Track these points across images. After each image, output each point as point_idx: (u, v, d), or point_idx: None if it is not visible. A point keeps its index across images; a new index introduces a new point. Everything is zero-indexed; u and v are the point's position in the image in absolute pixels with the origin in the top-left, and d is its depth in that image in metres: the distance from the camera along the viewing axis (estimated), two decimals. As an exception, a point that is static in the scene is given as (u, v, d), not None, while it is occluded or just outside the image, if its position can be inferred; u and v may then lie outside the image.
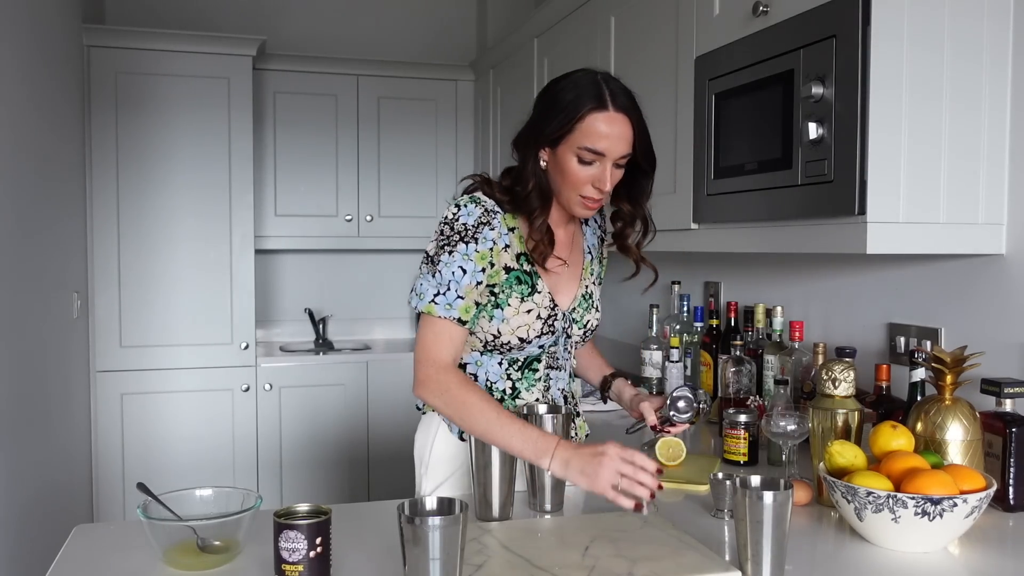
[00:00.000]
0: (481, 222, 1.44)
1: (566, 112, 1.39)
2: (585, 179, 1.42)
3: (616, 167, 1.43)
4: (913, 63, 1.49)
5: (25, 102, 2.45)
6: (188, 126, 3.40)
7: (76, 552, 1.24)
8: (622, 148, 1.41)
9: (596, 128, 1.38)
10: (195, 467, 3.42)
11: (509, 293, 1.48)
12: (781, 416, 1.56)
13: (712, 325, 2.40)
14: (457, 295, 1.42)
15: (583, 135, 1.39)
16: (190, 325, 3.44)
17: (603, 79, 1.42)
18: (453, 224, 1.45)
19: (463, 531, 1.02)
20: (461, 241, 1.43)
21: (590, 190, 1.43)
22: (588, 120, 1.38)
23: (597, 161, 1.40)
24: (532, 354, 1.56)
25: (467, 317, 1.44)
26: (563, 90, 1.42)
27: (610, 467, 1.26)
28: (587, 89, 1.40)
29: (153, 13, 3.75)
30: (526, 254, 1.50)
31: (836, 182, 1.52)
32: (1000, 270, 1.64)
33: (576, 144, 1.39)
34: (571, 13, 2.82)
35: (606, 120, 1.38)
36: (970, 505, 1.19)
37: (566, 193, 1.45)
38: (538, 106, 1.46)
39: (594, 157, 1.40)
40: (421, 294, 1.45)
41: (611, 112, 1.39)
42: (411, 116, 3.91)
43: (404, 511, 1.03)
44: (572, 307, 1.58)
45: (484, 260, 1.44)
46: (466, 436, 1.51)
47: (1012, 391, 1.45)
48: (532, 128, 1.45)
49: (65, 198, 2.97)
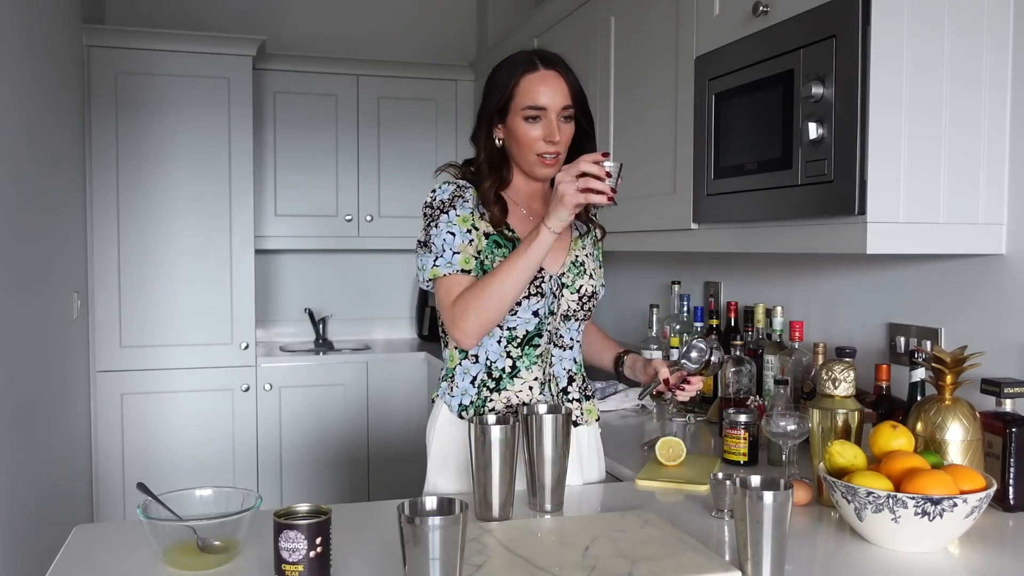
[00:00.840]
0: (456, 195, 1.57)
1: (502, 83, 1.54)
2: (536, 137, 1.53)
3: (564, 121, 1.54)
4: (913, 63, 1.49)
5: (25, 102, 2.45)
6: (188, 126, 3.40)
7: (76, 552, 1.24)
8: (560, 100, 1.52)
9: (531, 88, 1.52)
10: (195, 467, 3.42)
11: (492, 258, 1.55)
12: (781, 416, 1.56)
13: (712, 325, 2.40)
14: (453, 252, 1.53)
15: (522, 96, 1.52)
16: (190, 325, 3.44)
17: (533, 51, 1.58)
18: (432, 203, 1.58)
19: (463, 531, 1.02)
20: (442, 212, 1.55)
21: (543, 146, 1.53)
22: (523, 83, 1.52)
23: (541, 116, 1.52)
24: (530, 326, 1.58)
25: (469, 266, 1.53)
26: (498, 68, 1.58)
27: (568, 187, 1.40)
28: (517, 59, 1.56)
29: (153, 13, 3.75)
30: (506, 223, 1.59)
31: (836, 182, 1.52)
32: (1000, 270, 1.64)
33: (519, 107, 1.52)
34: (571, 13, 2.82)
35: (538, 78, 1.52)
36: (970, 505, 1.19)
37: (525, 157, 1.56)
38: (483, 92, 1.60)
39: (537, 112, 1.52)
40: (423, 268, 1.56)
41: (541, 70, 1.53)
42: (411, 116, 3.91)
43: (404, 511, 1.03)
44: (561, 271, 1.62)
45: (466, 223, 1.55)
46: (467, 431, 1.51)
47: (1012, 391, 1.45)
48: (481, 111, 1.60)
49: (65, 198, 2.97)
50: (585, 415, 1.68)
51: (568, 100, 1.53)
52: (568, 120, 1.55)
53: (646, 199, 2.28)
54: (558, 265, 1.62)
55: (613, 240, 2.52)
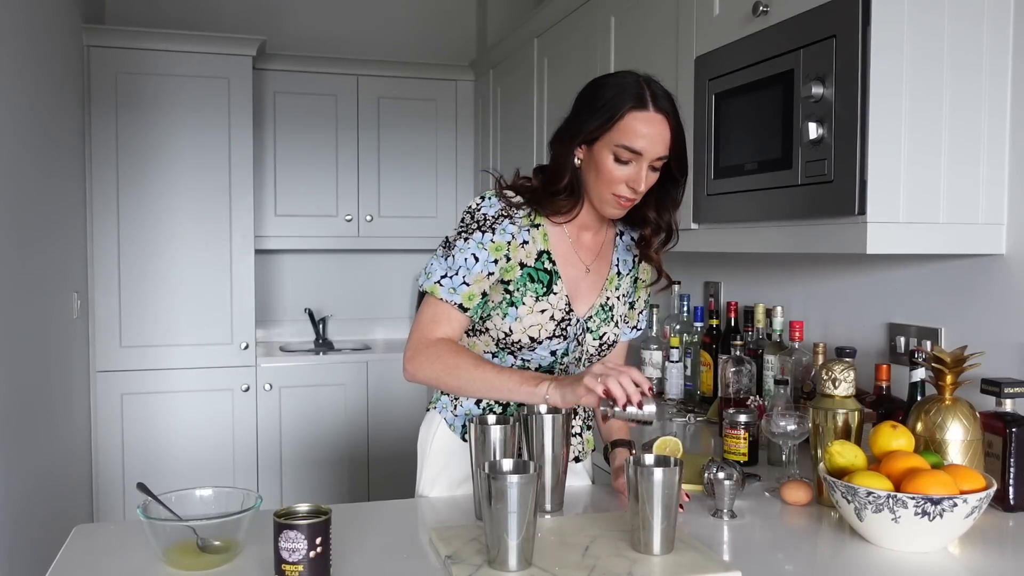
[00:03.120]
0: (502, 214, 1.46)
1: (606, 109, 1.39)
2: (620, 178, 1.41)
3: (651, 169, 1.42)
4: (913, 63, 1.49)
5: (25, 102, 2.45)
6: (188, 126, 3.40)
7: (76, 552, 1.24)
8: (659, 149, 1.40)
9: (635, 127, 1.38)
10: (195, 467, 3.42)
11: (524, 292, 1.47)
12: (781, 416, 1.56)
13: (712, 325, 2.40)
14: (464, 281, 1.44)
15: (622, 133, 1.38)
16: (190, 325, 3.44)
17: (645, 80, 1.42)
18: (474, 213, 1.47)
19: (537, 489, 1.15)
20: (479, 230, 1.45)
21: (624, 189, 1.42)
22: (628, 118, 1.38)
23: (633, 161, 1.40)
24: (544, 363, 1.53)
25: (469, 304, 1.44)
26: (605, 88, 1.42)
27: (593, 381, 1.29)
28: (629, 88, 1.40)
29: (153, 13, 3.75)
30: (548, 252, 1.49)
31: (836, 182, 1.52)
32: (1000, 270, 1.64)
33: (614, 142, 1.39)
34: (571, 13, 2.82)
35: (646, 120, 1.38)
36: (970, 505, 1.19)
37: (599, 191, 1.44)
38: (578, 104, 1.46)
39: (631, 156, 1.39)
40: (429, 274, 1.48)
41: (651, 112, 1.39)
42: (411, 116, 3.91)
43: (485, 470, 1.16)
44: (588, 315, 1.54)
45: (499, 252, 1.45)
46: (467, 437, 1.51)
47: (1012, 391, 1.45)
48: (571, 125, 1.45)
49: (65, 198, 2.97)
50: (584, 447, 1.66)
51: (665, 151, 1.40)
52: (656, 169, 1.43)
53: (646, 199, 2.28)
54: (587, 307, 1.54)
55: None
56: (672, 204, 1.51)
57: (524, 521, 1.12)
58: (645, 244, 1.53)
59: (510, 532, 1.12)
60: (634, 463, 1.22)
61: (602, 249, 1.58)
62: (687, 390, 2.46)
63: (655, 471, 1.19)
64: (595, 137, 1.41)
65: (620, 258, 1.60)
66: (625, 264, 1.61)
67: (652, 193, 1.48)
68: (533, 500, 1.14)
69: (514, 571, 1.12)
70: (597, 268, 1.56)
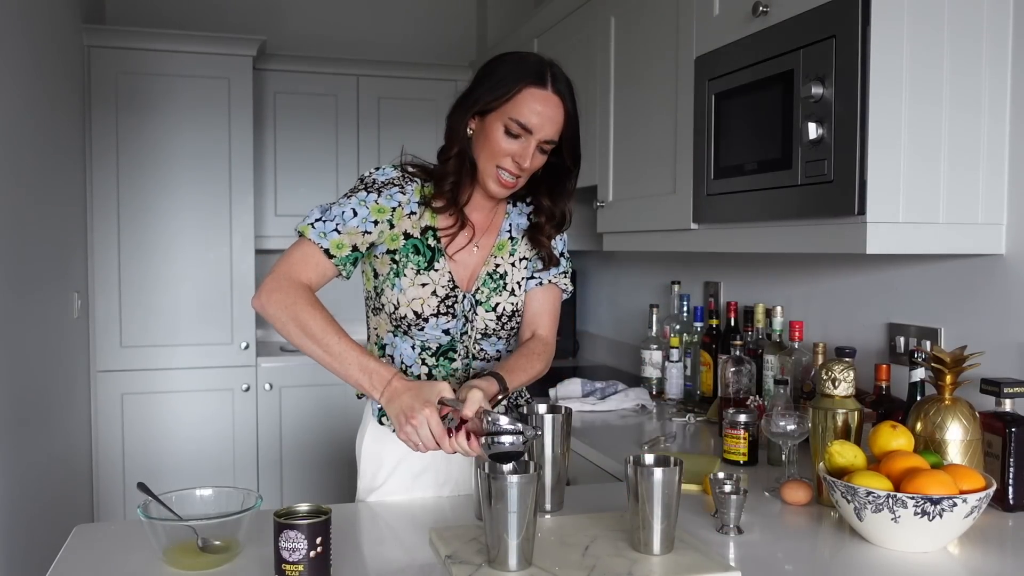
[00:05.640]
0: (393, 183, 1.46)
1: (505, 83, 1.40)
2: (507, 151, 1.41)
3: (540, 151, 1.43)
4: (913, 63, 1.49)
5: (25, 102, 2.45)
6: (188, 126, 3.40)
7: (76, 552, 1.24)
8: (550, 130, 1.41)
9: (530, 103, 1.39)
10: (195, 467, 3.42)
11: (406, 263, 1.47)
12: (781, 416, 1.56)
13: (712, 325, 2.40)
14: (336, 228, 1.40)
15: (515, 107, 1.39)
16: (190, 325, 3.44)
17: (548, 63, 1.43)
18: (365, 178, 1.48)
19: (536, 490, 1.15)
20: (364, 190, 1.45)
21: (509, 163, 1.42)
22: (524, 94, 1.39)
23: (523, 136, 1.40)
24: (442, 342, 1.51)
25: (336, 252, 1.40)
26: (506, 63, 1.44)
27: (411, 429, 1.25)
28: (530, 66, 1.41)
29: (153, 13, 3.75)
30: (433, 229, 1.49)
31: (836, 182, 1.52)
32: (1000, 270, 1.64)
33: (507, 115, 1.39)
34: (571, 13, 2.82)
35: (542, 98, 1.39)
36: (970, 505, 1.19)
37: (484, 164, 1.44)
38: (478, 76, 1.46)
39: (521, 131, 1.40)
40: (306, 216, 1.43)
41: (548, 92, 1.40)
42: (411, 116, 3.91)
43: (484, 470, 1.17)
44: (476, 287, 1.52)
45: (381, 215, 1.43)
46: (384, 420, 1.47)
47: (1012, 391, 1.45)
48: (468, 96, 1.46)
49: (65, 198, 2.97)
50: None
51: (556, 135, 1.42)
52: (544, 152, 1.44)
53: (646, 199, 2.28)
54: (470, 282, 1.53)
55: (613, 240, 2.53)
56: (566, 194, 1.54)
57: (524, 521, 1.13)
58: (538, 230, 1.56)
59: (510, 532, 1.12)
60: (634, 463, 1.22)
61: (492, 224, 1.57)
62: (687, 390, 2.46)
63: (655, 471, 1.19)
64: (490, 109, 1.41)
65: (512, 222, 1.59)
66: (519, 228, 1.59)
67: (546, 180, 1.51)
68: (533, 500, 1.14)
69: (514, 571, 1.13)
70: (484, 243, 1.55)
